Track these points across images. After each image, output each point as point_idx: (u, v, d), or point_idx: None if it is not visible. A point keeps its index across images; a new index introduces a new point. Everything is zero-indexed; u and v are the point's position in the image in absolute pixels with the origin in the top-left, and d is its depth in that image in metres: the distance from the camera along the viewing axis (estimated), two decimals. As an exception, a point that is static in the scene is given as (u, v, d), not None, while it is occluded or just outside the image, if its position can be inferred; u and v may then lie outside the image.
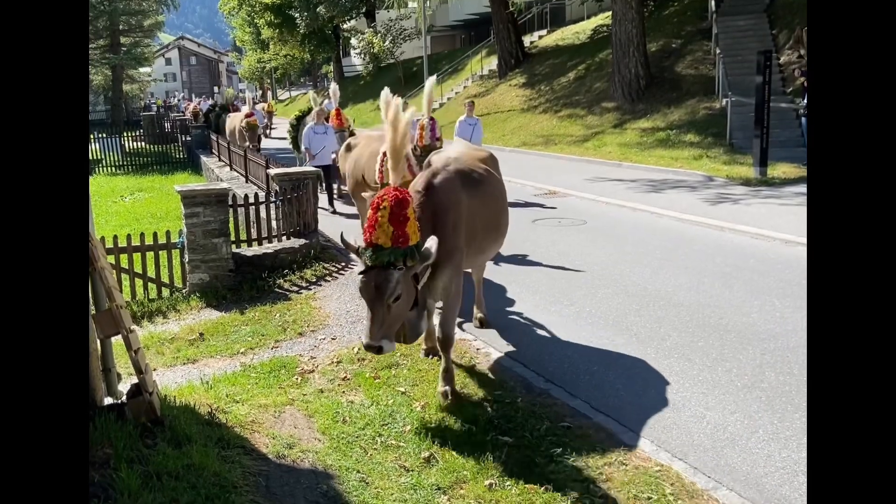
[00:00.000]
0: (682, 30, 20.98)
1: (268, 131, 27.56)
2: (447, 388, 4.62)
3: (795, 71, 15.35)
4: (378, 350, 3.97)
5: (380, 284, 3.92)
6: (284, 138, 18.55)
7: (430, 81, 6.46)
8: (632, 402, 4.58)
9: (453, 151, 5.47)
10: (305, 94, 52.29)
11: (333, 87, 13.68)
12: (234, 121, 18.67)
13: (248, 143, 16.04)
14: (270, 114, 32.96)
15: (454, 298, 4.64)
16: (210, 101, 37.15)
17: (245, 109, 19.02)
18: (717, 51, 17.56)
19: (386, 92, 5.74)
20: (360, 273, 4.05)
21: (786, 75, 16.18)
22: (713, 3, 19.46)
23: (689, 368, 5.00)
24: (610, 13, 20.03)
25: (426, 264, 4.10)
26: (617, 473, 3.71)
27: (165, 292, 7.41)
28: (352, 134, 11.63)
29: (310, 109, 14.98)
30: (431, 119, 8.42)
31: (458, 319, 6.21)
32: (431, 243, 4.05)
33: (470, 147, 5.85)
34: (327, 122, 12.80)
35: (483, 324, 6.06)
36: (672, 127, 16.74)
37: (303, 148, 12.32)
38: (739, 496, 3.50)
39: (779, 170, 12.51)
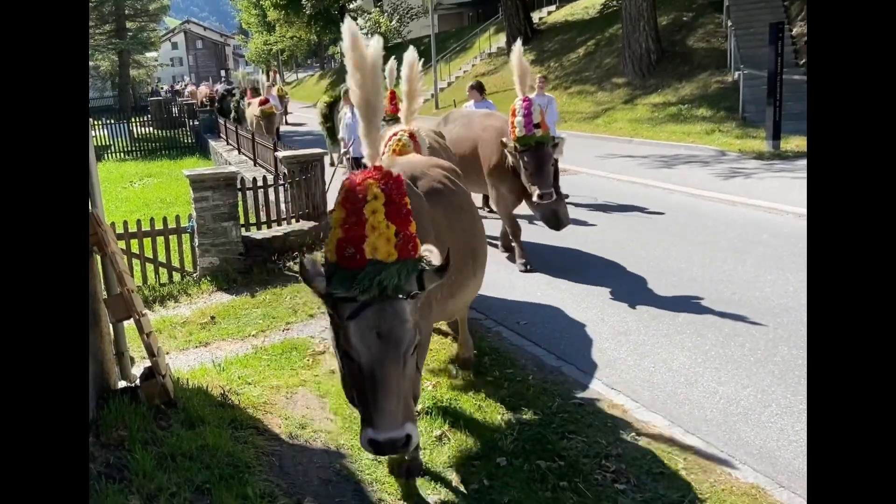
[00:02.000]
0: (693, 2, 20.63)
1: (285, 118, 23.51)
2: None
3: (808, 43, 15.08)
4: (406, 443, 2.45)
5: (393, 330, 2.43)
6: (301, 124, 17.29)
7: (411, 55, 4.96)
8: (644, 378, 4.56)
9: (403, 158, 4.15)
10: (313, 76, 52.11)
11: (393, 65, 10.57)
12: (253, 107, 16.58)
13: (265, 133, 13.93)
14: (281, 98, 27.82)
15: (423, 347, 3.12)
16: (224, 85, 35.68)
17: (263, 95, 16.93)
18: (729, 23, 17.27)
19: (411, 51, 4.92)
20: (351, 318, 2.45)
21: (798, 47, 15.91)
22: (724, -26, 19.13)
23: (701, 343, 4.97)
24: (619, -13, 19.76)
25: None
26: (629, 449, 3.71)
27: (176, 277, 7.44)
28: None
29: (345, 92, 13.77)
30: (526, 100, 6.38)
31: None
32: (433, 252, 2.69)
33: (429, 159, 4.35)
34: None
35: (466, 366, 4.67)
36: (683, 101, 16.53)
37: (340, 136, 10.27)
38: (753, 469, 3.49)
39: (792, 143, 12.34)
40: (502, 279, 6.61)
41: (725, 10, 18.00)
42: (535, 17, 27.74)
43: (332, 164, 13.42)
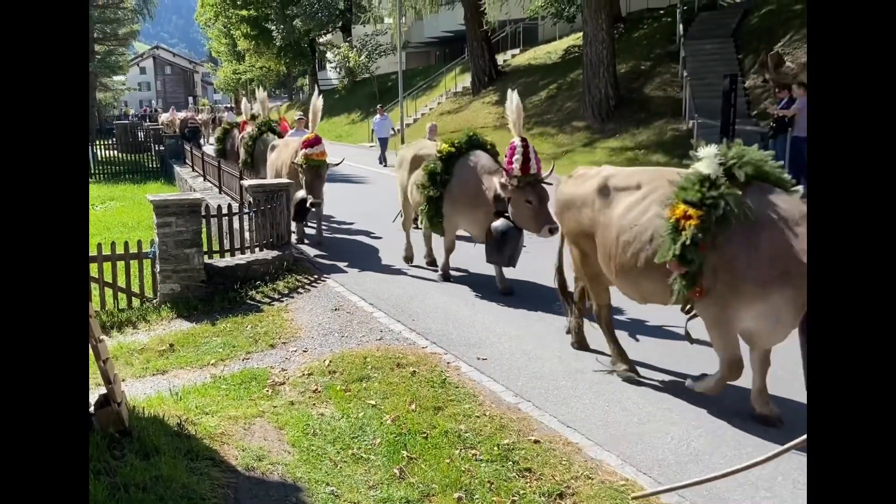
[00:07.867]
0: (651, 52, 21.43)
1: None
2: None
3: (771, 106, 15.49)
4: None
5: None
6: None
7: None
8: (598, 416, 4.66)
9: None
10: (281, 106, 52.09)
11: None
12: (283, 153, 10.22)
13: (307, 196, 9.07)
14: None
15: None
16: (213, 113, 30.67)
17: (291, 133, 12.20)
18: (685, 73, 17.98)
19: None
20: None
21: (750, 98, 16.62)
22: (681, 27, 19.94)
23: (654, 383, 5.11)
24: (581, 34, 20.40)
25: None
26: (583, 487, 3.78)
27: (136, 302, 7.34)
28: None
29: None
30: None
31: (425, 328, 6.26)
32: None
33: None
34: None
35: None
36: (640, 147, 17.05)
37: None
38: (701, 509, 3.59)
39: (744, 191, 12.80)
40: (463, 315, 6.69)
41: (682, 60, 18.74)
42: (500, 59, 28.41)
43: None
